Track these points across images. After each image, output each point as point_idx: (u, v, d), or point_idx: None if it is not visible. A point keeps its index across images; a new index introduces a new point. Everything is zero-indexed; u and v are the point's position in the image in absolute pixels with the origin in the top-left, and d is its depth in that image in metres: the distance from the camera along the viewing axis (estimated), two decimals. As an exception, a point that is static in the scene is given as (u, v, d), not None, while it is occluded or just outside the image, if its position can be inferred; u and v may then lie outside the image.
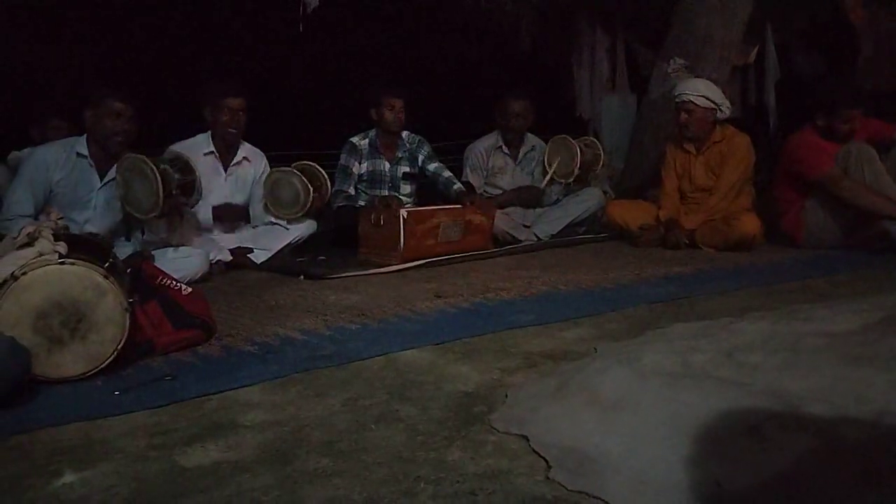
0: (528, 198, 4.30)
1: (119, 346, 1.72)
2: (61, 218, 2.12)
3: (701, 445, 1.15)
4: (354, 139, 4.11)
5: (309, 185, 3.54)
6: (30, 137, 3.82)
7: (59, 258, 1.70)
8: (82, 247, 1.83)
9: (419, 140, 4.19)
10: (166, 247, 3.04)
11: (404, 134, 4.15)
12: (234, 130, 3.50)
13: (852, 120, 3.47)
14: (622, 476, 1.09)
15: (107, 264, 1.78)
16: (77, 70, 5.46)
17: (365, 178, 4.11)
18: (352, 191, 4.07)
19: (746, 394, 1.32)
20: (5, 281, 1.63)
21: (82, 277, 1.70)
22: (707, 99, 3.69)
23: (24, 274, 1.64)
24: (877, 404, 1.24)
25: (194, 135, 3.56)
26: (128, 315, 1.74)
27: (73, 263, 1.70)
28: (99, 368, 1.69)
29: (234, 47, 6.38)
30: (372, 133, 4.09)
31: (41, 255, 1.70)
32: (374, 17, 6.25)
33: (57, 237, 1.79)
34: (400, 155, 4.12)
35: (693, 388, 1.36)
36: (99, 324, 1.70)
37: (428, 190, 4.31)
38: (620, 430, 1.23)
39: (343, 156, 4.10)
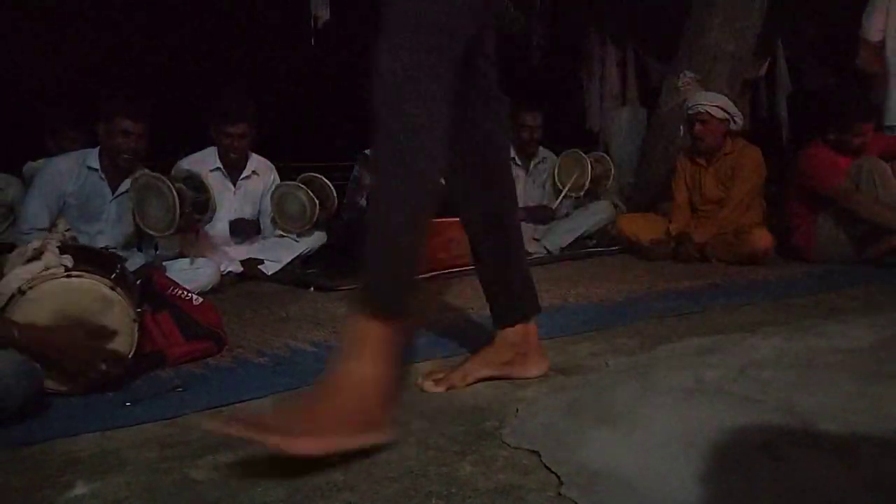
0: (539, 217, 4.32)
1: (128, 358, 1.73)
2: (69, 230, 2.13)
3: (714, 462, 1.14)
4: (368, 151, 4.14)
5: (315, 199, 3.55)
6: (45, 149, 3.85)
7: (66, 271, 1.70)
8: (89, 258, 1.84)
9: None
10: (178, 258, 3.06)
11: None
12: (234, 155, 3.54)
13: (864, 134, 3.46)
14: (635, 492, 1.08)
15: (114, 275, 1.78)
16: (92, 81, 5.52)
17: (376, 190, 4.13)
18: (363, 203, 4.09)
19: (760, 410, 1.32)
20: (12, 296, 1.64)
21: (89, 290, 1.70)
22: (721, 109, 3.70)
23: (30, 288, 1.65)
24: (892, 422, 1.23)
25: (204, 145, 3.59)
26: (136, 326, 1.74)
27: (79, 276, 1.70)
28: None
29: (245, 59, 6.43)
30: None
31: (47, 268, 1.70)
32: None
33: (64, 249, 1.80)
34: (411, 168, 4.15)
35: (706, 404, 1.35)
36: (107, 335, 1.71)
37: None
38: (633, 445, 1.22)
39: (356, 168, 4.14)
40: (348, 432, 1.20)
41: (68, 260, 1.73)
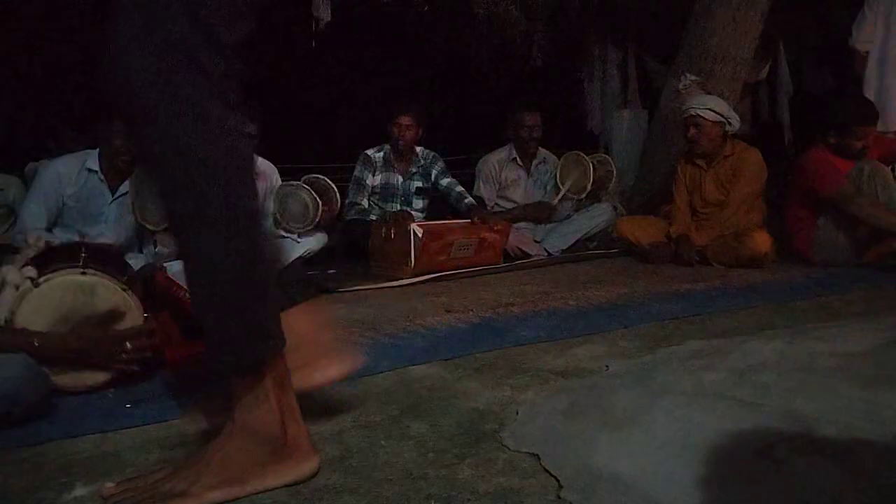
0: (540, 214, 4.32)
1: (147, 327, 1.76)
2: (41, 241, 2.10)
3: (713, 466, 1.14)
4: (369, 151, 4.16)
5: (318, 200, 3.56)
6: (46, 149, 3.86)
7: (33, 283, 1.67)
8: (52, 258, 1.80)
9: (433, 156, 4.25)
10: (178, 258, 3.06)
11: (419, 149, 4.21)
12: None
13: (865, 137, 3.46)
14: (634, 496, 1.08)
15: (81, 260, 1.76)
16: (93, 81, 5.52)
17: (378, 190, 4.15)
18: (365, 203, 4.10)
19: (759, 414, 1.31)
20: (2, 328, 1.63)
21: (65, 286, 1.70)
22: (715, 112, 3.70)
23: (13, 315, 1.64)
24: (892, 426, 1.23)
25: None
26: (128, 293, 1.74)
27: (46, 279, 1.68)
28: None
29: (245, 60, 6.44)
30: (387, 147, 4.15)
31: (17, 288, 1.67)
32: (386, 33, 6.30)
33: (27, 261, 1.76)
34: (413, 170, 4.17)
35: (705, 408, 1.35)
36: (113, 317, 1.72)
37: (439, 203, 4.34)
38: (632, 449, 1.22)
39: (357, 167, 4.15)
40: (256, 475, 1.14)
41: (31, 271, 1.70)
